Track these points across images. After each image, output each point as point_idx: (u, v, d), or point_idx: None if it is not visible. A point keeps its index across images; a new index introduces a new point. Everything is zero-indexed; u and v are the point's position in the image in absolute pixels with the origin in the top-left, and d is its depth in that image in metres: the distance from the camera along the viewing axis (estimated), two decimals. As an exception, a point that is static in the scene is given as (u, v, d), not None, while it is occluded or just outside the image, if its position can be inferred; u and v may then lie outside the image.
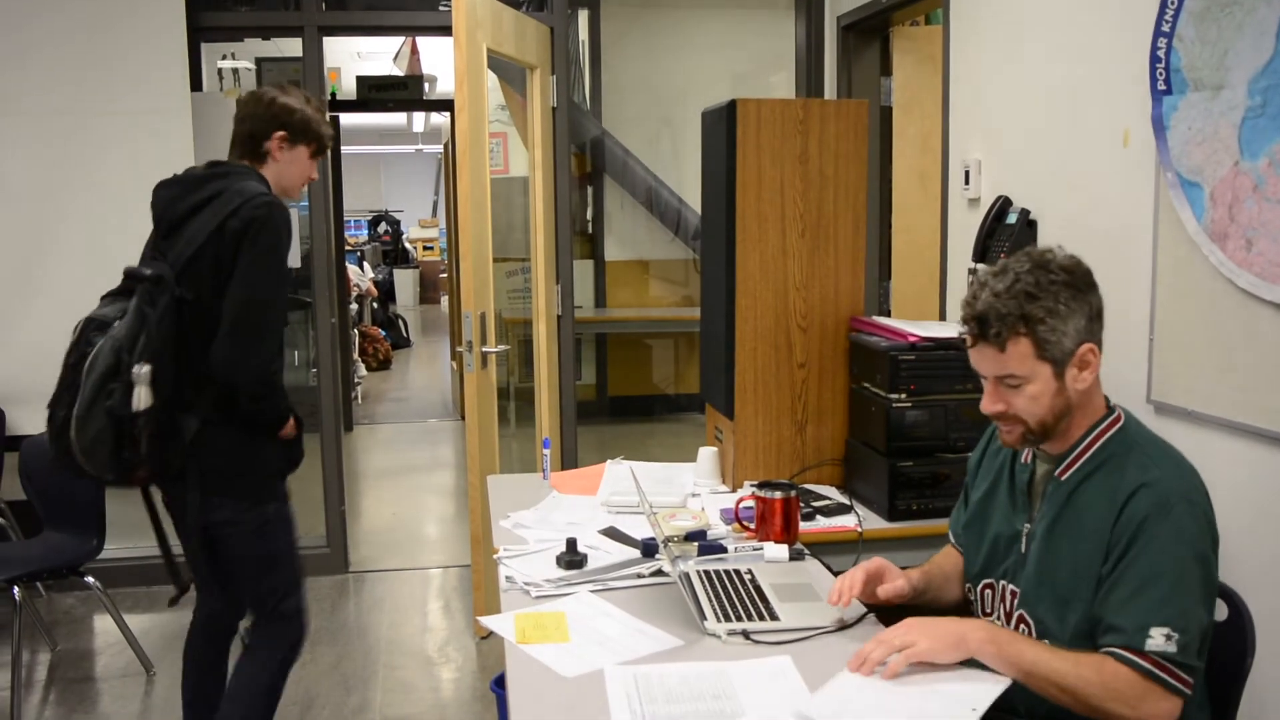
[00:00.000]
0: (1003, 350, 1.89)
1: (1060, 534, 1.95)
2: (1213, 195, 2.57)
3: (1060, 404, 1.91)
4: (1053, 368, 1.89)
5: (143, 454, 2.68)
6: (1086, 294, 1.90)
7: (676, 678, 1.87)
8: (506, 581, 2.38)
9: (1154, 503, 1.81)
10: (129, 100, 4.71)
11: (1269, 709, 2.46)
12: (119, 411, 2.64)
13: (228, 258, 2.70)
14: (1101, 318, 1.94)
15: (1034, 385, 1.89)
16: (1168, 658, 1.75)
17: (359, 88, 7.99)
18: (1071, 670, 1.77)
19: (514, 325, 7.66)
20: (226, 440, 2.80)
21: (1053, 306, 1.86)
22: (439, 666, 4.21)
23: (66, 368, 2.73)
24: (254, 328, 2.73)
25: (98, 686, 4.05)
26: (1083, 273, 1.93)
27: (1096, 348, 1.91)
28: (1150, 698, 1.75)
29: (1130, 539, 1.81)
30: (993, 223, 3.42)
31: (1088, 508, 1.91)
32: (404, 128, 15.76)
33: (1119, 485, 1.87)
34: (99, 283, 4.69)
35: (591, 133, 8.03)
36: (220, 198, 2.80)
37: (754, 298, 3.08)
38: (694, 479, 3.14)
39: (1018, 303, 1.86)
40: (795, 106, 3.07)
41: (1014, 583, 2.04)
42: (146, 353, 2.66)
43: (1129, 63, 2.86)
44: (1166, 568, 1.78)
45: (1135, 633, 1.76)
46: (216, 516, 2.86)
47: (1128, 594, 1.79)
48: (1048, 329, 1.86)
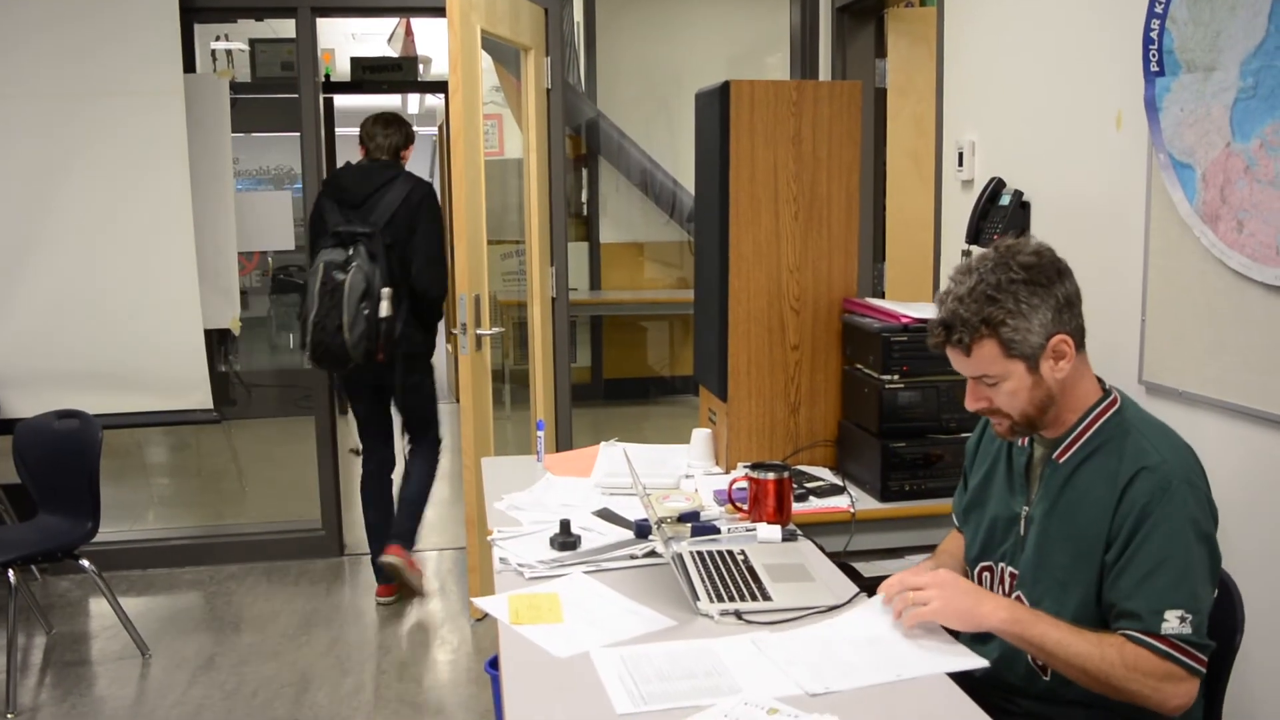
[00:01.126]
0: (969, 354, 1.91)
1: (1059, 517, 1.96)
2: (1204, 177, 2.57)
3: (1041, 395, 1.92)
4: (1025, 364, 1.90)
5: (381, 344, 4.22)
6: (1051, 286, 1.89)
7: (663, 656, 1.88)
8: (500, 563, 2.39)
9: (1155, 486, 1.82)
10: (122, 82, 4.68)
11: (1257, 687, 2.48)
12: (373, 319, 4.19)
13: (415, 218, 4.29)
14: (1074, 304, 1.93)
15: (1010, 382, 1.91)
16: (1184, 639, 1.77)
17: (353, 69, 7.95)
18: (1095, 652, 1.79)
19: (509, 308, 7.66)
20: (415, 335, 4.42)
21: (1013, 307, 1.87)
22: (434, 648, 4.23)
23: (325, 294, 4.20)
24: (439, 261, 4.43)
25: (93, 669, 4.06)
26: (1046, 264, 1.91)
27: (1069, 337, 1.90)
28: (1170, 679, 1.77)
29: (1135, 524, 1.82)
30: (986, 204, 3.41)
31: (1087, 491, 1.92)
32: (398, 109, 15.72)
33: (1118, 469, 1.88)
34: (94, 265, 4.71)
35: (586, 115, 8.01)
36: (398, 180, 4.42)
37: (747, 279, 3.08)
38: (687, 460, 3.15)
39: (979, 306, 1.88)
40: (789, 88, 3.06)
41: (1012, 565, 2.05)
42: (384, 280, 4.22)
43: (1122, 44, 2.86)
44: (1175, 551, 1.80)
45: (1150, 616, 1.78)
46: (409, 382, 4.44)
47: (1139, 579, 1.81)
48: (1010, 329, 1.87)
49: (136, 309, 4.79)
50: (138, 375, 4.82)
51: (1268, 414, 2.42)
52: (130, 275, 4.77)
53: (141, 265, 4.77)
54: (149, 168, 4.73)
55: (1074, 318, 1.92)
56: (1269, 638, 2.43)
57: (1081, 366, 1.97)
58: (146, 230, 4.76)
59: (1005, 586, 2.06)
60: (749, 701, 1.70)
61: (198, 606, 4.66)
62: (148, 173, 4.73)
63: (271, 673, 3.96)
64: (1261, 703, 2.49)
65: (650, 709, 1.71)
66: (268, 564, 5.10)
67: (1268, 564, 2.44)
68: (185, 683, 3.88)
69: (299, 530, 5.29)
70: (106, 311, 4.77)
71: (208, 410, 4.97)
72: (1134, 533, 1.82)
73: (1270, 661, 2.45)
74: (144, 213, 4.75)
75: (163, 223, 4.76)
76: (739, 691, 1.75)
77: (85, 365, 4.75)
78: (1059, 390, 1.93)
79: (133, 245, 4.75)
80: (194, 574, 5.00)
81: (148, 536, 5.37)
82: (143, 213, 4.75)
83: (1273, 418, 2.42)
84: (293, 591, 4.78)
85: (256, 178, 8.83)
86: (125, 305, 4.78)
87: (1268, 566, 2.44)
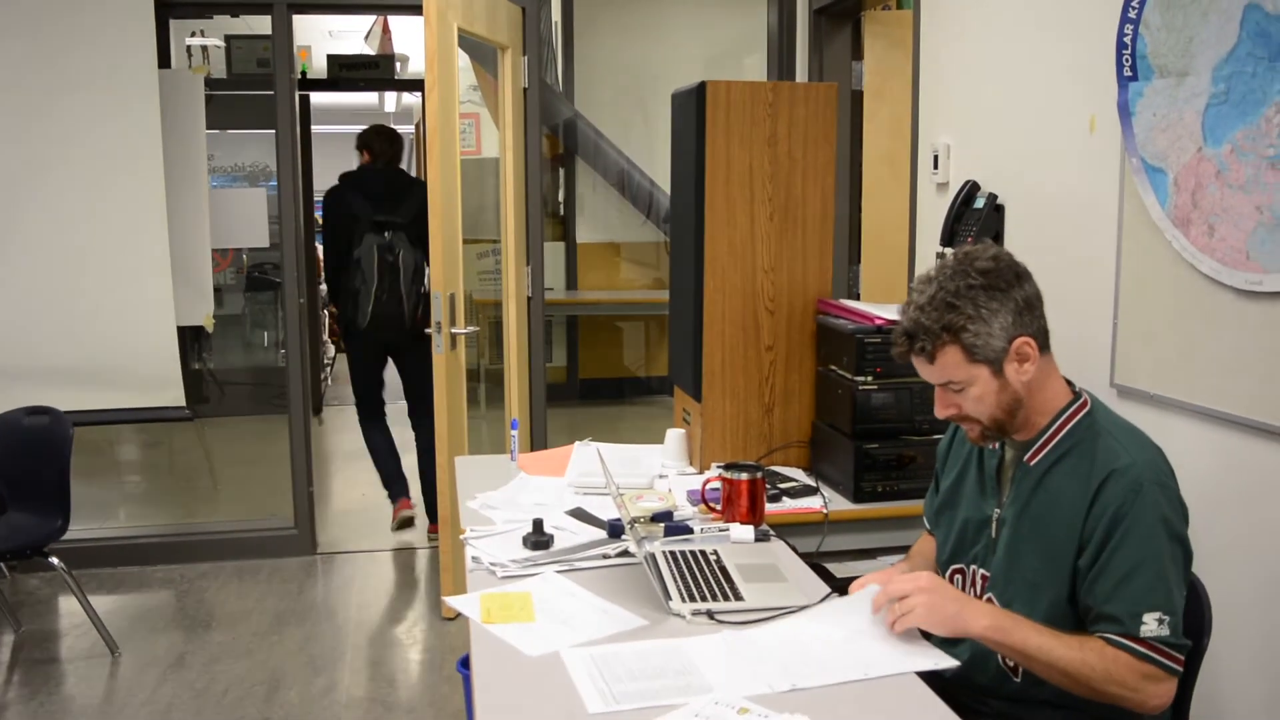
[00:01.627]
0: (933, 362, 1.92)
1: (1030, 519, 1.96)
2: (1176, 181, 2.59)
3: (1008, 399, 1.93)
4: (989, 368, 1.91)
5: (421, 315, 5.05)
6: (1009, 290, 1.90)
7: (633, 656, 1.88)
8: (473, 562, 2.38)
9: (1127, 489, 1.83)
10: (95, 77, 4.65)
11: (1225, 687, 2.50)
12: (423, 292, 5.06)
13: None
14: (1034, 306, 1.93)
15: (975, 388, 1.92)
16: (1162, 641, 1.79)
17: (329, 66, 7.93)
18: (1075, 656, 1.80)
19: (484, 307, 7.65)
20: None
21: (973, 312, 1.88)
22: (406, 647, 4.22)
23: (384, 271, 5.02)
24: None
25: (62, 668, 4.03)
26: (1004, 269, 1.92)
27: (1032, 339, 1.91)
28: (1150, 680, 1.79)
29: (1109, 527, 1.83)
30: (960, 207, 3.43)
31: (1058, 494, 1.93)
32: (375, 107, 15.64)
33: (1090, 471, 1.89)
34: (66, 260, 4.67)
35: (564, 114, 8.00)
36: (418, 182, 5.26)
37: (722, 280, 3.09)
38: (661, 460, 3.15)
39: (939, 314, 1.89)
40: (764, 89, 3.07)
41: (984, 567, 2.05)
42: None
43: (1096, 49, 2.88)
44: (1149, 554, 1.81)
45: (1129, 620, 1.79)
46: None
47: (1115, 582, 1.82)
48: (971, 335, 1.89)
49: (109, 305, 4.76)
50: (109, 372, 4.78)
51: (1237, 418, 2.44)
52: (103, 270, 4.73)
53: (114, 261, 4.74)
54: (122, 163, 4.70)
55: (1035, 319, 1.93)
56: (1237, 639, 2.45)
57: (1048, 368, 1.98)
58: (119, 226, 4.72)
59: (977, 589, 2.06)
60: (720, 701, 1.70)
61: (168, 605, 4.63)
62: (121, 168, 4.70)
63: (242, 672, 3.93)
64: (1230, 701, 2.51)
65: (623, 708, 1.71)
66: (239, 562, 5.07)
67: (1236, 567, 2.46)
68: (155, 681, 3.85)
69: (271, 529, 5.26)
70: (78, 307, 4.73)
71: (180, 408, 4.94)
72: (1108, 536, 1.83)
73: (1238, 662, 2.47)
74: (117, 208, 4.72)
75: (136, 219, 4.73)
76: (710, 690, 1.75)
77: (56, 361, 4.71)
78: (1026, 393, 1.94)
79: (105, 241, 4.72)
80: (165, 572, 4.96)
81: (118, 534, 5.33)
82: (116, 208, 4.72)
83: (1242, 421, 2.44)
84: (264, 590, 4.75)
85: (232, 175, 8.78)
86: (97, 301, 4.75)
87: (1236, 570, 2.46)
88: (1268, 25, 2.30)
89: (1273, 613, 2.40)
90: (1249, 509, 2.46)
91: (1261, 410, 2.38)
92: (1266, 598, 2.41)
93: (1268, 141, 2.32)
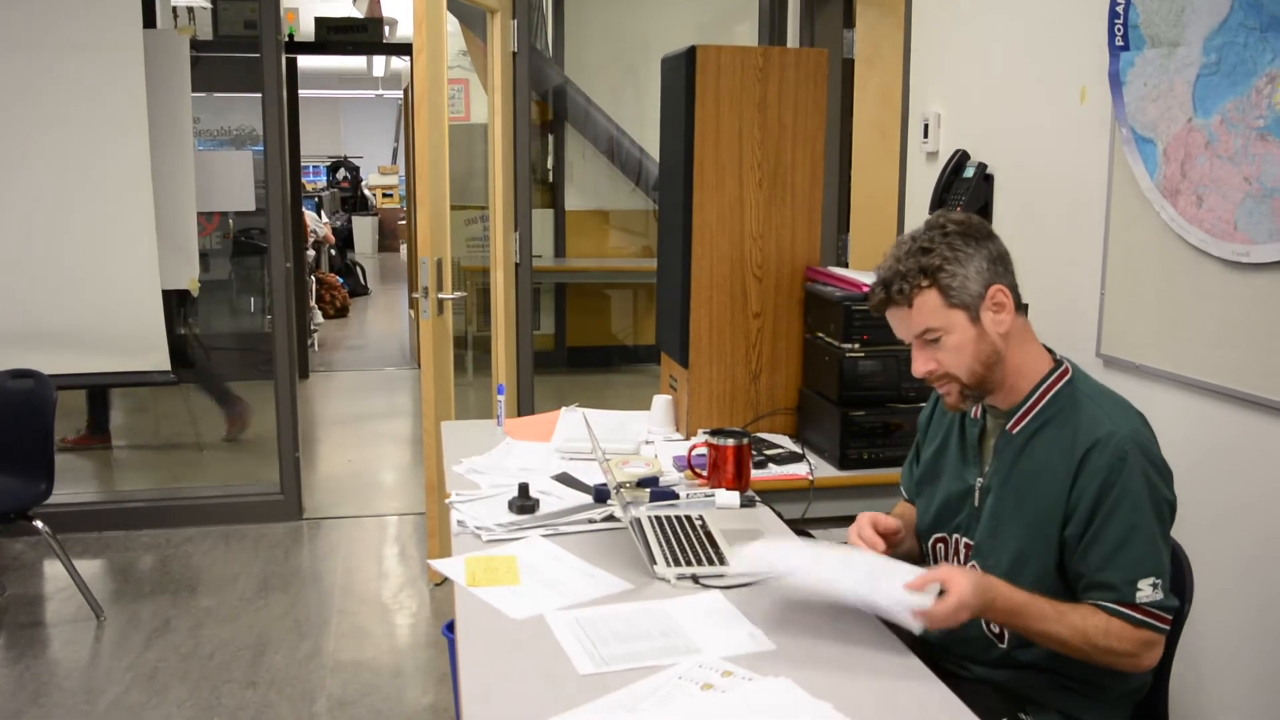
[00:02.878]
0: (911, 306, 1.92)
1: (1014, 488, 1.97)
2: (1166, 152, 2.58)
3: (986, 350, 1.93)
4: (966, 313, 1.91)
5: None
6: (983, 241, 1.93)
7: (617, 619, 1.89)
8: (459, 526, 2.38)
9: (1112, 458, 1.84)
10: (79, 36, 4.60)
11: (1206, 655, 2.52)
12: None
13: None
14: (1005, 263, 1.94)
15: (953, 336, 1.92)
16: (1157, 605, 1.81)
17: (317, 29, 7.87)
18: (1076, 627, 1.81)
19: (472, 274, 7.63)
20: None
21: (948, 254, 1.90)
22: (392, 612, 4.22)
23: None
24: None
25: (47, 632, 4.02)
26: (976, 224, 1.95)
27: (1006, 289, 1.92)
28: (1146, 647, 1.82)
29: (1096, 497, 1.84)
30: (950, 176, 3.42)
31: (1041, 462, 1.93)
32: (364, 72, 15.55)
33: (1074, 440, 1.89)
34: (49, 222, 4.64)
35: (554, 81, 7.95)
36: None
37: (710, 246, 3.08)
38: (648, 427, 3.15)
39: (914, 259, 1.91)
40: (755, 54, 3.05)
41: (967, 535, 2.06)
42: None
43: (1088, 19, 2.86)
44: (1139, 520, 1.83)
45: (1125, 587, 1.81)
46: None
47: (1109, 551, 1.83)
48: (948, 275, 1.89)
49: (93, 268, 4.72)
50: (94, 335, 4.76)
51: (1223, 388, 2.45)
52: (87, 233, 4.70)
53: (98, 224, 4.70)
54: (107, 125, 4.66)
55: (1008, 274, 1.94)
56: (1218, 608, 2.46)
57: (1025, 332, 1.98)
58: (104, 188, 4.69)
59: (960, 557, 2.07)
60: (704, 664, 1.71)
61: (154, 569, 4.63)
62: (106, 130, 4.66)
63: (228, 636, 3.94)
64: (1210, 666, 2.53)
65: (612, 669, 1.71)
66: (225, 527, 5.07)
67: (1219, 537, 2.48)
68: (140, 645, 3.86)
69: (257, 494, 5.26)
70: (62, 270, 4.70)
71: (165, 372, 4.92)
72: (1097, 506, 1.84)
73: (1219, 630, 2.48)
74: (101, 170, 4.68)
75: (120, 181, 4.69)
76: (697, 651, 1.76)
77: (40, 324, 4.68)
78: (1004, 347, 1.93)
79: (89, 203, 4.68)
80: (150, 537, 4.96)
81: (103, 499, 5.32)
82: (100, 170, 4.68)
83: (1227, 392, 2.44)
84: (250, 555, 4.75)
85: (218, 138, 8.72)
86: (81, 264, 4.71)
87: (1218, 540, 2.47)
88: (1260, -6, 2.30)
89: (1255, 580, 2.42)
90: (1233, 479, 2.47)
91: (1247, 381, 2.38)
92: (1249, 567, 2.43)
93: (1257, 113, 2.32)
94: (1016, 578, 1.91)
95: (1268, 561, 2.39)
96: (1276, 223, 2.28)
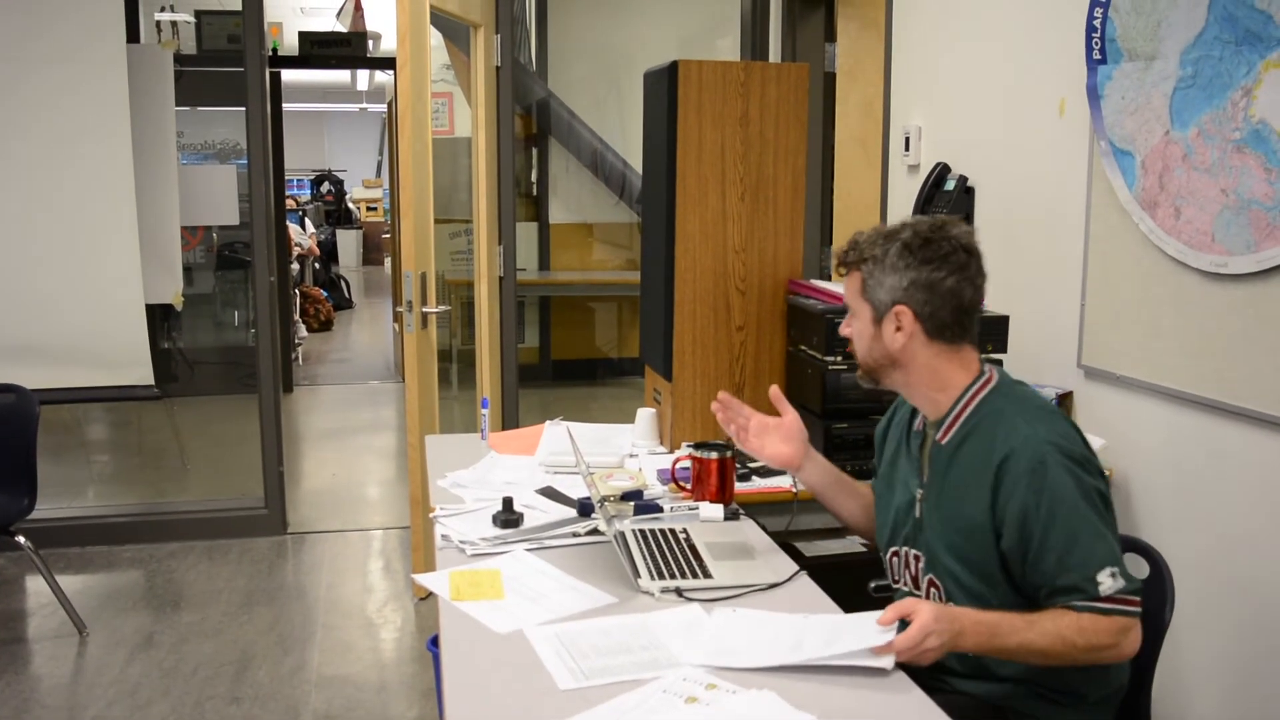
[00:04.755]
0: (845, 276, 2.09)
1: (946, 499, 2.00)
2: (1144, 164, 2.61)
3: (878, 351, 2.03)
4: (871, 310, 2.02)
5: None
6: (924, 265, 1.96)
7: (596, 632, 1.89)
8: (443, 540, 2.38)
9: (1030, 469, 1.86)
10: (62, 50, 4.59)
11: (1187, 660, 2.53)
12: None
13: None
14: (936, 292, 1.95)
15: (859, 321, 2.06)
16: (1121, 592, 1.82)
17: (301, 43, 7.87)
18: (1052, 635, 1.82)
19: (457, 287, 7.62)
20: None
21: (880, 256, 1.99)
22: (377, 627, 4.21)
23: None
24: None
25: (29, 648, 4.00)
26: (935, 245, 1.96)
27: (912, 314, 1.96)
28: (1123, 634, 1.83)
29: (1025, 511, 1.86)
30: (931, 189, 3.45)
31: (966, 474, 1.96)
32: (348, 85, 15.55)
33: (990, 450, 1.91)
34: (33, 236, 4.63)
35: (537, 94, 7.97)
36: None
37: (693, 259, 3.09)
38: (632, 440, 3.15)
39: (869, 245, 2.02)
40: (737, 69, 3.06)
41: (915, 547, 2.08)
42: None
43: (1066, 32, 2.89)
44: (1077, 520, 1.84)
45: (1086, 585, 1.82)
46: None
47: (1058, 558, 1.84)
48: (867, 271, 2.01)
49: (76, 282, 4.71)
50: (77, 349, 4.75)
51: (1202, 398, 2.47)
52: (70, 247, 4.69)
53: (82, 238, 4.69)
54: (90, 139, 4.65)
55: (930, 304, 1.96)
56: (1197, 615, 2.48)
57: (943, 358, 1.99)
58: (87, 202, 4.68)
59: (912, 569, 2.09)
60: (688, 677, 1.72)
61: (137, 585, 4.61)
62: (89, 144, 4.65)
63: (211, 651, 3.92)
64: (1190, 670, 2.54)
65: (593, 684, 1.71)
66: (209, 542, 5.05)
67: (1198, 546, 2.49)
68: (123, 661, 3.84)
69: (241, 508, 5.24)
70: (45, 284, 4.69)
71: (149, 386, 4.91)
72: (1027, 519, 1.85)
73: (1198, 635, 2.50)
74: (85, 184, 4.67)
75: (104, 195, 4.68)
76: (678, 665, 1.76)
77: (22, 338, 4.66)
78: (901, 360, 2.01)
79: (73, 217, 4.67)
80: (134, 552, 4.94)
81: (87, 514, 5.29)
82: (83, 184, 4.67)
83: (1206, 402, 2.46)
84: (234, 570, 4.74)
85: (201, 152, 8.71)
86: (65, 278, 4.70)
87: (1197, 550, 2.49)
88: (1235, 9, 2.32)
89: (1236, 588, 2.44)
90: (1213, 488, 2.48)
91: (1226, 391, 2.41)
92: (1230, 575, 2.45)
93: (1233, 125, 2.34)
94: (969, 581, 1.95)
95: (1249, 569, 2.40)
96: (1254, 234, 2.30)
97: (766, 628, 1.89)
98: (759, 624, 1.91)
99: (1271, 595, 2.35)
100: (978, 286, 1.99)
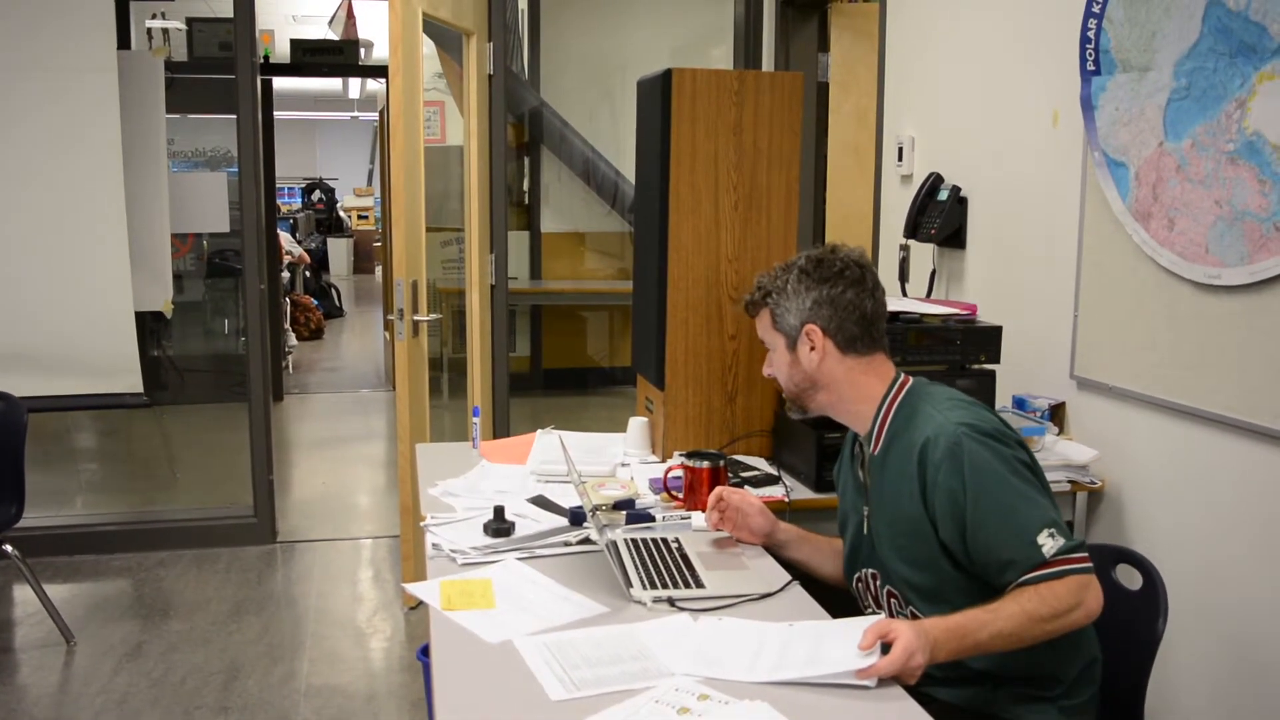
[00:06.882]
0: (755, 318, 2.25)
1: (886, 506, 2.05)
2: (1138, 175, 2.61)
3: (798, 376, 2.16)
4: (785, 340, 2.17)
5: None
6: (821, 284, 2.13)
7: (586, 643, 1.88)
8: (434, 549, 2.37)
9: (946, 452, 1.91)
10: (53, 57, 4.57)
11: (1181, 668, 2.53)
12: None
13: None
14: (838, 306, 2.11)
15: (775, 354, 2.21)
16: (1063, 550, 1.85)
17: (293, 51, 7.86)
18: (1018, 616, 1.83)
19: (448, 295, 7.61)
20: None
21: (782, 286, 2.17)
22: (367, 636, 4.19)
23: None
24: None
25: (16, 657, 3.97)
26: (828, 264, 2.15)
27: (820, 330, 2.11)
28: (1083, 590, 1.84)
29: (951, 496, 1.90)
30: (924, 199, 3.45)
31: (896, 474, 2.02)
32: (339, 94, 15.55)
33: (909, 446, 1.98)
34: (21, 243, 4.61)
35: (530, 103, 7.97)
36: None
37: (686, 268, 3.08)
38: (624, 449, 3.14)
39: (769, 281, 2.21)
40: (730, 78, 3.06)
41: (871, 566, 2.13)
42: None
43: (1060, 43, 2.89)
44: (1003, 492, 1.89)
45: (1030, 551, 1.85)
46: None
47: (995, 533, 1.88)
48: (774, 302, 2.18)
49: (65, 289, 4.69)
50: (66, 357, 4.72)
51: (1195, 409, 2.47)
52: (59, 254, 4.67)
53: (72, 245, 4.67)
54: (80, 146, 4.63)
55: (835, 318, 2.11)
56: (1191, 624, 2.48)
57: (858, 370, 2.11)
58: (77, 210, 4.66)
59: (873, 588, 2.14)
60: (680, 687, 1.70)
61: (125, 594, 4.58)
62: (79, 151, 4.63)
63: (200, 661, 3.90)
64: (1185, 681, 2.54)
65: (583, 694, 1.70)
66: (198, 551, 5.02)
67: (1191, 557, 2.49)
68: (111, 670, 3.81)
69: (230, 517, 5.22)
70: (34, 291, 4.67)
71: (138, 394, 4.88)
72: (955, 503, 1.90)
73: (1192, 646, 2.50)
74: (74, 192, 4.65)
75: (94, 202, 4.66)
76: (670, 676, 1.75)
77: (11, 346, 4.64)
78: (820, 379, 2.13)
79: (62, 225, 4.65)
80: (122, 560, 4.91)
81: (75, 522, 5.26)
82: (73, 192, 4.65)
83: (1199, 413, 2.46)
84: (223, 579, 4.71)
85: (192, 159, 8.69)
86: (54, 285, 4.68)
87: (1190, 561, 2.49)
88: (1229, 21, 2.33)
89: (1229, 598, 2.43)
90: (1206, 499, 2.48)
91: (1219, 403, 2.40)
92: (1223, 586, 2.44)
93: (1227, 137, 2.34)
94: (924, 584, 1.98)
95: (1241, 580, 2.40)
96: (1247, 246, 2.30)
97: (751, 638, 1.89)
98: (744, 634, 1.91)
99: (1263, 607, 2.35)
100: (877, 298, 2.15)
